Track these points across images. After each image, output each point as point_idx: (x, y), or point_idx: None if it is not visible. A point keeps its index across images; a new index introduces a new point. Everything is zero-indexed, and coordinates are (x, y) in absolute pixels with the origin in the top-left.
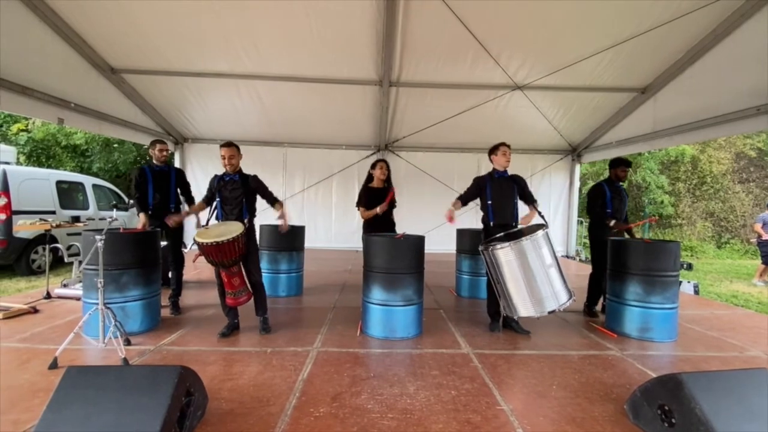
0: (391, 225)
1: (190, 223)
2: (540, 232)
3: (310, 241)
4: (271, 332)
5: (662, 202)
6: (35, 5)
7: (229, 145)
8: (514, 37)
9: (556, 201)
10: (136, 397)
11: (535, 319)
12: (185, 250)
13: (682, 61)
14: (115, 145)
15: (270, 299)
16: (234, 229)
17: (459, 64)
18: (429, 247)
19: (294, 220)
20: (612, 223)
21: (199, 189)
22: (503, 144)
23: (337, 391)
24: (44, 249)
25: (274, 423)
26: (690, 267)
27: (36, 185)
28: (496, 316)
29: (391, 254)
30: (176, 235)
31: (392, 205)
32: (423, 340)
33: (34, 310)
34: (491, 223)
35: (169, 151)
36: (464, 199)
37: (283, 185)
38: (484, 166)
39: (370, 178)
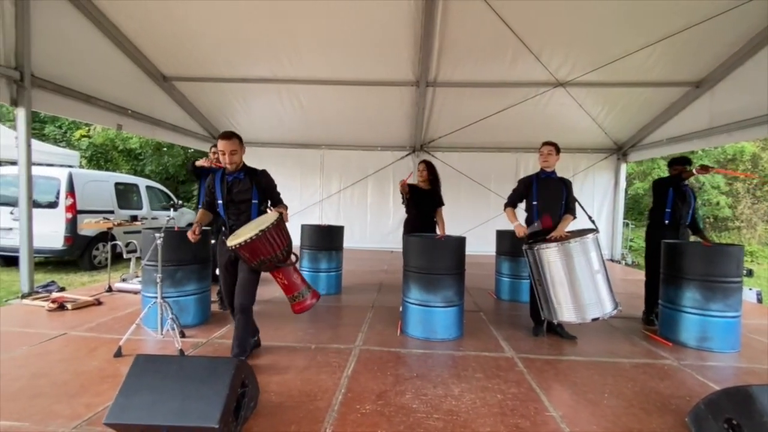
0: (432, 226)
1: None
2: (590, 236)
3: (345, 241)
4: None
5: (718, 203)
6: (99, 20)
7: (229, 136)
8: (556, 33)
9: (600, 202)
10: (197, 386)
11: (577, 325)
12: None
13: (741, 53)
14: (165, 149)
15: None
16: (266, 219)
17: (498, 63)
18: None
19: (331, 221)
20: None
21: None
22: (544, 143)
23: (382, 389)
24: (105, 246)
25: (322, 417)
26: (751, 273)
27: (97, 187)
28: (540, 319)
29: (432, 255)
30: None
31: (433, 203)
32: (464, 342)
33: (98, 303)
34: (535, 224)
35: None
36: (513, 202)
37: (320, 187)
38: (523, 166)
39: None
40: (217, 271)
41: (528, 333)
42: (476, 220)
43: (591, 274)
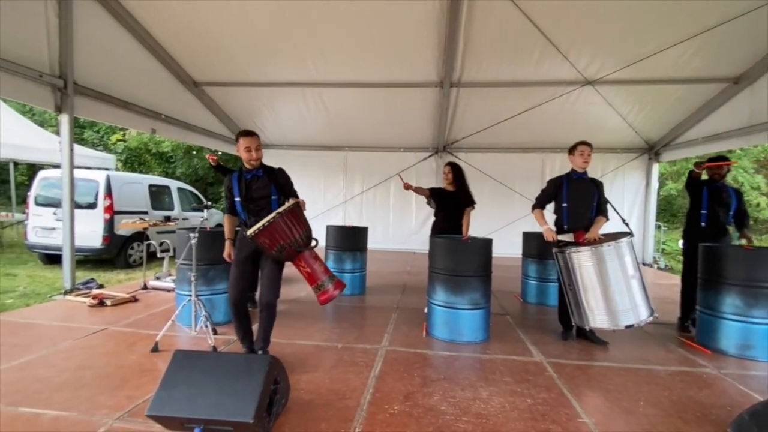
0: (460, 228)
1: None
2: (625, 239)
3: (369, 242)
4: None
5: (758, 204)
6: (136, 29)
7: (251, 133)
8: (584, 30)
9: (631, 203)
10: (232, 382)
11: (610, 332)
12: None
13: None
14: (194, 152)
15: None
16: (285, 206)
17: (524, 62)
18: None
19: (354, 222)
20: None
21: None
22: (582, 143)
23: (409, 390)
24: (140, 245)
25: (351, 416)
26: None
27: (132, 189)
28: (569, 324)
29: (458, 256)
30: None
31: (460, 203)
32: (491, 345)
33: (135, 300)
34: (564, 227)
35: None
36: (541, 204)
37: (343, 188)
38: (549, 167)
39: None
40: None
41: (557, 337)
42: (501, 222)
43: (625, 279)
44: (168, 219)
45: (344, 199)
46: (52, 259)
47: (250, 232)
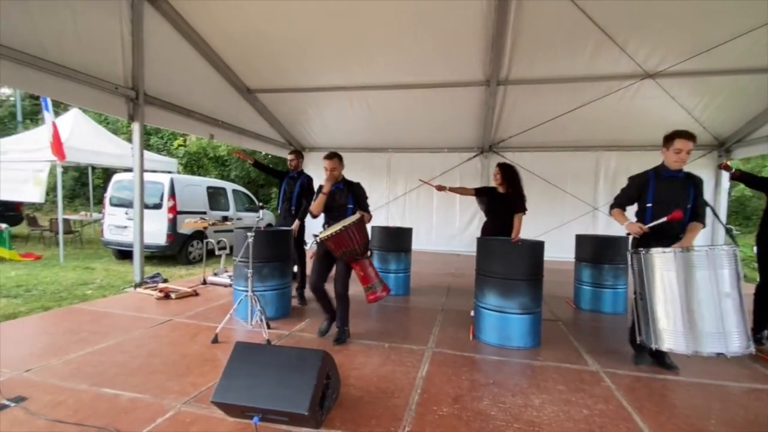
0: (509, 231)
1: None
2: (726, 248)
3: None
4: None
5: None
6: (196, 42)
7: (331, 156)
8: (645, 21)
9: None
10: (288, 374)
11: (686, 356)
12: (306, 248)
13: None
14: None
15: None
16: (349, 219)
17: (577, 56)
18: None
19: (397, 223)
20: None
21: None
22: (682, 135)
23: (458, 393)
24: (199, 243)
25: (400, 415)
26: None
27: (193, 190)
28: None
29: (508, 259)
30: (299, 234)
31: (511, 206)
32: (542, 351)
33: (196, 294)
34: (660, 219)
35: (297, 160)
36: (620, 204)
37: (386, 189)
38: (604, 166)
39: None
40: (294, 269)
41: (613, 346)
42: (551, 224)
43: (717, 295)
44: (225, 219)
45: (388, 200)
46: (124, 254)
47: (321, 236)
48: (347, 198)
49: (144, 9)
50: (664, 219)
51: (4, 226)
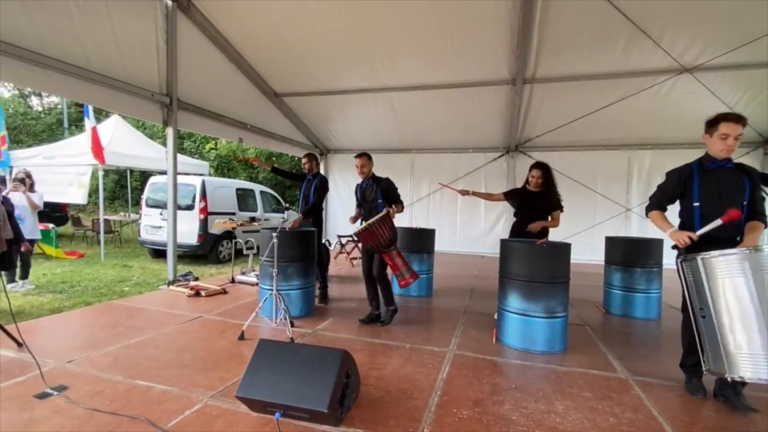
0: (538, 233)
1: (333, 224)
2: None
3: (436, 245)
4: (388, 324)
5: None
6: (226, 48)
7: (359, 155)
8: (679, 12)
9: None
10: (309, 372)
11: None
12: (331, 248)
13: None
14: (274, 158)
15: (402, 298)
16: (378, 215)
17: (608, 52)
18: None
19: (421, 224)
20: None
21: (337, 192)
22: (726, 118)
23: (479, 396)
24: (228, 243)
25: (419, 416)
26: None
27: (223, 192)
28: (698, 369)
29: (533, 261)
30: (319, 234)
31: (546, 205)
32: (568, 357)
33: (224, 292)
34: (714, 223)
35: (310, 163)
36: (659, 204)
37: (410, 190)
38: (637, 165)
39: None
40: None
41: (646, 353)
42: (580, 225)
43: None
44: (253, 219)
45: (411, 201)
46: (159, 253)
47: (354, 231)
48: (377, 193)
49: (177, 17)
50: (719, 222)
51: (51, 226)
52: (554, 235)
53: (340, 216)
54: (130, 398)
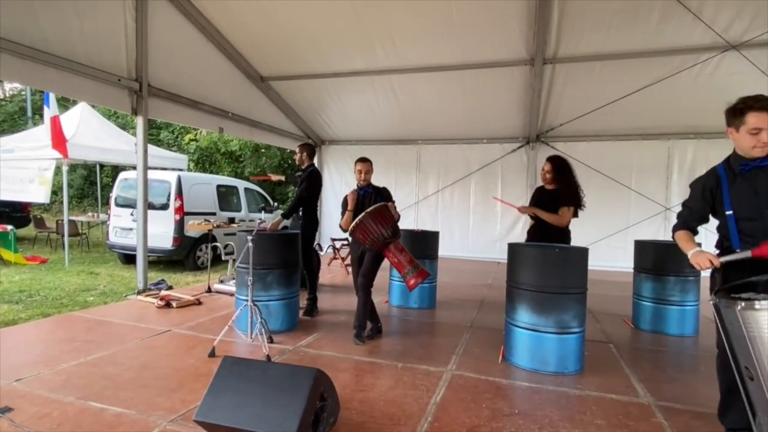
0: (556, 236)
1: (326, 228)
2: None
3: (444, 249)
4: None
5: None
6: (205, 27)
7: (364, 160)
8: None
9: None
10: (277, 394)
11: None
12: (321, 253)
13: None
14: (263, 150)
15: (400, 310)
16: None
17: (640, 27)
18: (597, 264)
19: (427, 225)
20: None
21: (333, 188)
22: (753, 106)
23: (474, 423)
24: (207, 247)
25: None
26: None
27: (202, 189)
28: (737, 426)
29: (543, 269)
30: (304, 237)
31: (559, 202)
32: (584, 379)
33: (199, 302)
34: (737, 252)
35: (300, 155)
36: (686, 223)
37: (416, 186)
38: (678, 157)
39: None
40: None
41: (676, 375)
42: (613, 226)
43: None
44: (232, 221)
45: (417, 199)
46: (130, 258)
47: (348, 228)
48: (376, 201)
49: None
50: (748, 254)
51: (10, 227)
52: (581, 238)
53: (335, 216)
54: (79, 422)
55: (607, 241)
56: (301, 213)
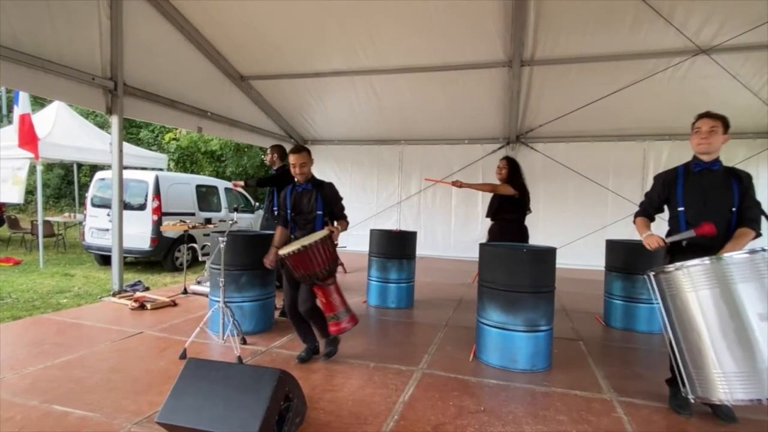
0: (518, 235)
1: None
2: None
3: (426, 249)
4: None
5: None
6: (183, 26)
7: (298, 150)
8: None
9: (767, 201)
10: (241, 395)
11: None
12: None
13: None
14: (245, 150)
15: (378, 310)
16: (318, 233)
17: (614, 30)
18: (574, 262)
19: (410, 226)
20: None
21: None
22: (702, 116)
23: (440, 420)
24: (184, 248)
25: None
26: None
27: (180, 189)
28: (679, 388)
29: (512, 268)
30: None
31: (512, 202)
32: (552, 376)
33: (174, 304)
34: (683, 243)
35: (271, 156)
36: (646, 211)
37: (398, 186)
38: (654, 158)
39: None
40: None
41: (642, 371)
42: (590, 226)
43: None
44: (209, 221)
45: (399, 199)
46: (107, 260)
47: (282, 252)
48: (316, 202)
49: None
50: (692, 233)
51: None
52: (558, 237)
53: None
54: (42, 425)
55: (584, 240)
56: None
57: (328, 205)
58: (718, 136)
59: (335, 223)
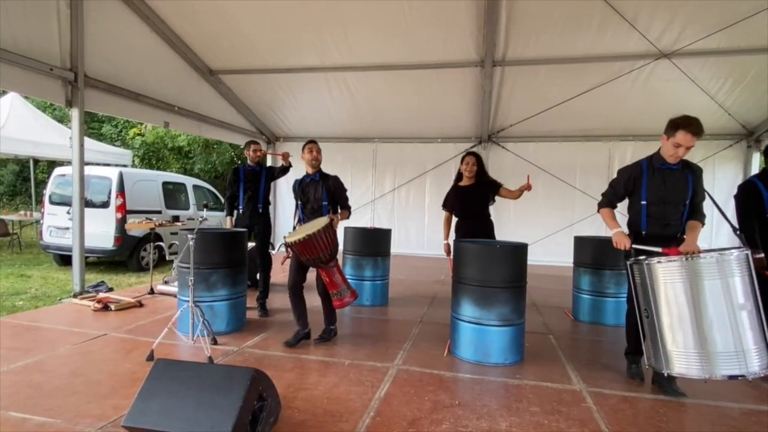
0: (485, 230)
1: (278, 225)
2: (734, 252)
3: (400, 247)
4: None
5: None
6: (148, 17)
7: (314, 142)
8: None
9: (724, 202)
10: (212, 395)
11: (702, 382)
12: (273, 252)
13: None
14: (214, 146)
15: (352, 308)
16: (320, 221)
17: (581, 33)
18: (544, 259)
19: (384, 224)
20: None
21: (288, 186)
22: (685, 127)
23: (416, 416)
24: (151, 247)
25: None
26: None
27: (146, 186)
28: (638, 357)
29: (485, 264)
30: (264, 236)
31: (485, 193)
32: (523, 369)
33: (140, 304)
34: (643, 233)
35: (263, 152)
36: (610, 201)
37: (372, 185)
38: (618, 158)
39: (459, 176)
40: (257, 276)
41: (609, 362)
42: (558, 224)
43: (730, 308)
44: (176, 219)
45: (373, 197)
46: (67, 260)
47: (287, 239)
48: (323, 192)
49: None
50: (659, 250)
51: None
52: (529, 234)
53: (290, 216)
54: None
55: (553, 237)
56: (261, 211)
57: (333, 196)
58: (689, 151)
59: (337, 213)
